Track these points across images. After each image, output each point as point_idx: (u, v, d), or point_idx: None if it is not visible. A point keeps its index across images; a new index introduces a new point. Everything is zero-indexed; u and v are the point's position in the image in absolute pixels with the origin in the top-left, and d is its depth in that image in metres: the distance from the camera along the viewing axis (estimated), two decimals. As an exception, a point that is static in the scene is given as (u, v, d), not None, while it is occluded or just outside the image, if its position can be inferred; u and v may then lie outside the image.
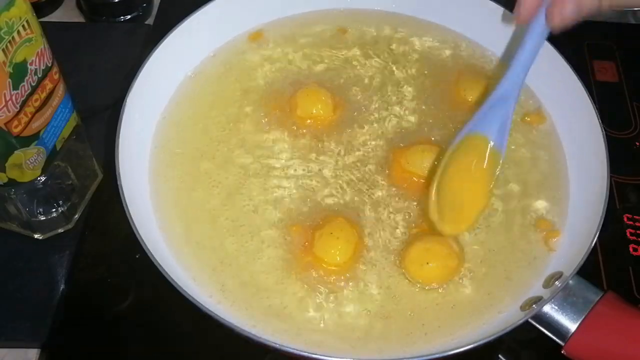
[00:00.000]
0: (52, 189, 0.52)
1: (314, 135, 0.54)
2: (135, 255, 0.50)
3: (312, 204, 0.50)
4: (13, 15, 0.40)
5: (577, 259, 0.44)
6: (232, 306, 0.45)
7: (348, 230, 0.47)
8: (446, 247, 0.47)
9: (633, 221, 0.58)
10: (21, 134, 0.44)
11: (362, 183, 0.51)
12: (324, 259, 0.46)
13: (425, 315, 0.45)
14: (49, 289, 0.53)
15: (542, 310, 0.43)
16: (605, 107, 0.57)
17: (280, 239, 0.48)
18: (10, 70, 0.41)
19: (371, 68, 0.59)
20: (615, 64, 0.71)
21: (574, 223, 0.49)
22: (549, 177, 0.53)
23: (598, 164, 0.49)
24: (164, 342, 0.50)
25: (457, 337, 0.44)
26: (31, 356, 0.52)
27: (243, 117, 0.55)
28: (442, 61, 0.60)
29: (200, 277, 0.46)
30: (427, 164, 0.50)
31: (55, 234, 0.56)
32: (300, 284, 0.46)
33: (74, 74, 0.51)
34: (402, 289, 0.46)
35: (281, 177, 0.51)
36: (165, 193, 0.51)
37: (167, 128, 0.54)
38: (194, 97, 0.56)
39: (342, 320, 0.45)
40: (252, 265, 0.47)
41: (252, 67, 0.59)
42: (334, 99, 0.55)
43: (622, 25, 0.78)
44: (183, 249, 0.48)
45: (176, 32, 0.55)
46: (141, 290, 0.52)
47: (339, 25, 0.62)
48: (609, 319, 0.43)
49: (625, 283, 0.54)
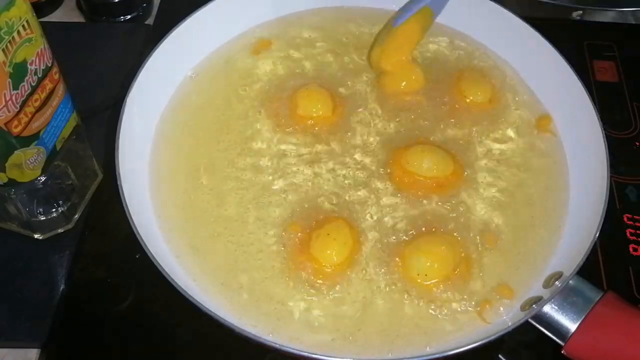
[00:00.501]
0: (52, 189, 0.52)
1: (314, 135, 0.54)
2: (135, 255, 0.50)
3: (311, 204, 0.50)
4: (13, 15, 0.40)
5: (577, 259, 0.44)
6: (232, 306, 0.45)
7: (346, 231, 0.47)
8: (447, 249, 0.47)
9: (633, 221, 0.58)
10: (21, 134, 0.44)
11: (361, 183, 0.51)
12: (321, 260, 0.46)
13: (425, 315, 0.45)
14: (49, 289, 0.53)
15: (542, 310, 0.43)
16: (605, 107, 0.57)
17: (279, 239, 0.48)
18: (10, 70, 0.41)
19: (370, 68, 0.59)
20: (615, 64, 0.71)
21: (574, 223, 0.49)
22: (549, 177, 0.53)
23: (598, 164, 0.49)
24: (164, 342, 0.50)
25: (456, 338, 0.44)
26: (31, 356, 0.52)
27: (243, 117, 0.55)
28: (443, 61, 0.60)
29: (200, 277, 0.46)
30: (427, 164, 0.50)
31: (55, 234, 0.56)
32: (299, 284, 0.46)
33: (74, 74, 0.51)
34: (400, 289, 0.46)
35: (280, 177, 0.51)
36: (165, 193, 0.51)
37: (167, 128, 0.54)
38: (194, 97, 0.56)
39: (342, 320, 0.45)
40: (252, 265, 0.47)
41: (252, 67, 0.59)
42: (333, 99, 0.55)
43: (622, 25, 0.78)
44: (183, 249, 0.48)
45: (176, 32, 0.55)
46: (141, 290, 0.52)
47: (338, 25, 0.62)
48: (609, 319, 0.43)
49: (625, 283, 0.54)
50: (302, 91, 0.55)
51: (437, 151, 0.51)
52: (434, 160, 0.51)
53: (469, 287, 0.46)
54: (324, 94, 0.55)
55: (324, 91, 0.55)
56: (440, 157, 0.51)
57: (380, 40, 0.57)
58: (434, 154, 0.51)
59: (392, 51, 0.56)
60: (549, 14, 0.76)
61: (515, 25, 0.58)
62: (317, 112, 0.54)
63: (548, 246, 0.49)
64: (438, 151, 0.51)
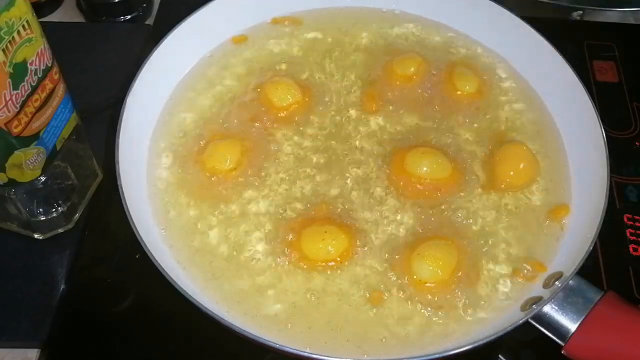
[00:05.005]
0: (52, 189, 0.52)
1: (315, 136, 0.54)
2: (135, 255, 0.50)
3: (310, 204, 0.50)
4: (13, 15, 0.40)
5: (577, 259, 0.44)
6: (232, 306, 0.45)
7: (339, 229, 0.47)
8: (448, 250, 0.46)
9: (633, 221, 0.58)
10: (21, 134, 0.44)
11: (360, 183, 0.51)
12: (316, 259, 0.46)
13: (426, 316, 0.45)
14: (49, 289, 0.53)
15: (542, 310, 0.43)
16: (605, 107, 0.57)
17: (276, 239, 0.48)
18: (10, 70, 0.41)
19: (369, 67, 0.59)
20: (615, 64, 0.71)
21: (574, 223, 0.49)
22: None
23: (598, 164, 0.49)
24: (164, 343, 0.50)
25: (456, 338, 0.44)
26: (31, 356, 0.52)
27: (243, 117, 0.55)
28: (442, 60, 0.60)
29: (200, 277, 0.46)
30: (427, 166, 0.50)
31: (55, 234, 0.56)
32: (297, 285, 0.46)
33: (74, 74, 0.51)
34: (399, 290, 0.46)
35: (280, 177, 0.51)
36: (165, 193, 0.51)
37: (167, 127, 0.54)
38: (194, 97, 0.56)
39: (342, 320, 0.45)
40: (251, 266, 0.47)
41: (253, 67, 0.59)
42: (303, 91, 0.55)
43: (622, 25, 0.78)
44: (183, 248, 0.48)
45: (176, 32, 0.55)
46: (141, 290, 0.52)
47: (337, 23, 0.62)
48: (609, 319, 0.43)
49: (625, 283, 0.54)
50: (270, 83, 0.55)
51: (436, 154, 0.51)
52: (433, 162, 0.50)
53: (468, 289, 0.46)
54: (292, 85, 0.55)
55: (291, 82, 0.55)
56: (439, 159, 0.51)
57: None
58: (433, 156, 0.51)
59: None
60: (549, 14, 0.76)
61: (515, 25, 0.58)
62: (287, 102, 0.54)
63: (548, 246, 0.49)
64: (437, 154, 0.51)
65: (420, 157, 0.51)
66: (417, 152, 0.51)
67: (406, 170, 0.51)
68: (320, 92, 0.57)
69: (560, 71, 0.55)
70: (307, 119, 0.55)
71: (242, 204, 0.50)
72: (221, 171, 0.51)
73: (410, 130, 0.55)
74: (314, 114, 0.55)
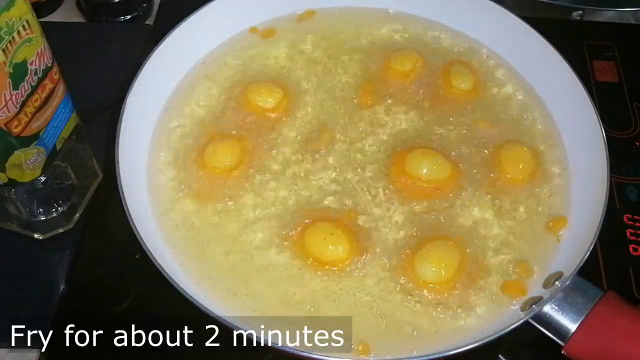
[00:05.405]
0: (52, 189, 0.52)
1: (315, 137, 0.54)
2: (135, 255, 0.50)
3: (310, 204, 0.50)
4: (13, 15, 0.40)
5: (577, 259, 0.44)
6: (232, 306, 0.45)
7: (340, 231, 0.47)
8: (448, 251, 0.47)
9: (633, 221, 0.58)
10: (21, 134, 0.44)
11: (360, 183, 0.51)
12: (320, 260, 0.46)
13: (426, 317, 0.45)
14: (49, 289, 0.53)
15: (542, 310, 0.43)
16: (605, 107, 0.57)
17: (277, 240, 0.48)
18: (10, 70, 0.41)
19: (367, 64, 0.59)
20: (615, 64, 0.71)
21: (574, 223, 0.49)
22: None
23: (598, 164, 0.49)
24: (164, 343, 0.50)
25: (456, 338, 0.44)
26: (31, 356, 0.52)
27: (243, 117, 0.55)
28: (441, 59, 0.60)
29: (200, 277, 0.46)
30: (427, 167, 0.50)
31: (55, 234, 0.56)
32: (297, 285, 0.46)
33: (74, 74, 0.51)
34: (399, 291, 0.46)
35: (279, 177, 0.51)
36: (165, 193, 0.50)
37: (167, 127, 0.54)
38: (194, 96, 0.56)
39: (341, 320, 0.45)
40: (250, 265, 0.47)
41: (253, 67, 0.59)
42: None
43: (622, 25, 0.78)
44: (183, 249, 0.48)
45: (176, 32, 0.55)
46: (141, 290, 0.52)
47: (338, 24, 0.62)
48: (609, 319, 0.43)
49: (625, 283, 0.54)
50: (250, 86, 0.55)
51: (436, 155, 0.51)
52: (433, 164, 0.50)
53: (468, 289, 0.46)
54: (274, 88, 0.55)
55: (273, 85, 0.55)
56: (439, 160, 0.51)
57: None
58: (433, 157, 0.51)
59: None
60: (549, 14, 0.76)
61: (515, 25, 0.58)
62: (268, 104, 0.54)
63: (548, 246, 0.49)
64: (437, 155, 0.51)
65: (420, 158, 0.51)
66: (417, 153, 0.51)
67: (406, 171, 0.51)
68: (318, 91, 0.57)
69: (560, 71, 0.55)
70: (307, 118, 0.55)
71: (242, 204, 0.50)
72: (221, 170, 0.51)
73: (409, 128, 0.55)
74: (313, 114, 0.55)
